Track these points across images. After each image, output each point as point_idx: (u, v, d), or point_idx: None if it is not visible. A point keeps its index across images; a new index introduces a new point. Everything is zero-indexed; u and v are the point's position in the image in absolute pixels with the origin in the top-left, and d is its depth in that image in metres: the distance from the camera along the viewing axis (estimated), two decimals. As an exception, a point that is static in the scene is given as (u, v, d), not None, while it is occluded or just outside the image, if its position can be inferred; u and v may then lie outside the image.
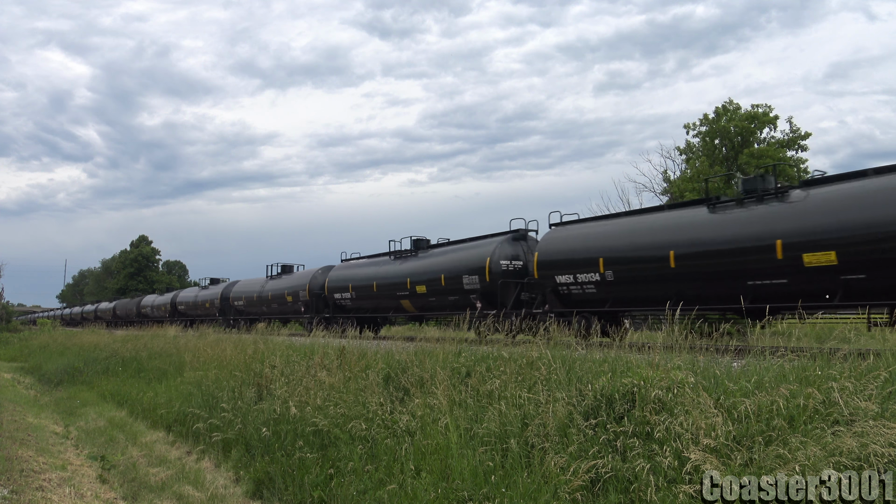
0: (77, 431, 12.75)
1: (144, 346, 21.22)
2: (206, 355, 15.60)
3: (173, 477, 9.07)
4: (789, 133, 33.13)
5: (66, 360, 24.17)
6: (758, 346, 10.12)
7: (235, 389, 11.73)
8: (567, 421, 6.41)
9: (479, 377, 8.29)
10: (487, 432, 6.89)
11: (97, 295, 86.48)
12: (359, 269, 25.14)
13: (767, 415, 5.46)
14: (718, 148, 33.85)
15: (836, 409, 5.31)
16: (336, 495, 7.31)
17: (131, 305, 53.50)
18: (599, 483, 5.58)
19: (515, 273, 18.13)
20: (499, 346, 10.45)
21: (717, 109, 33.97)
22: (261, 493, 8.36)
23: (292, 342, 15.50)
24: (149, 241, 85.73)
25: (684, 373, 6.39)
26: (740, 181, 13.30)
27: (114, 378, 18.36)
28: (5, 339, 43.72)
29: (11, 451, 9.25)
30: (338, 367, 10.56)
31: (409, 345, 11.28)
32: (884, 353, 6.48)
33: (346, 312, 25.47)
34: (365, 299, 24.17)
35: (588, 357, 8.05)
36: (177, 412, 12.29)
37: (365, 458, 7.58)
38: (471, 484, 6.19)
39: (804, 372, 6.12)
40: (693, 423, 5.55)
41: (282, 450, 8.72)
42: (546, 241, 17.14)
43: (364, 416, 8.36)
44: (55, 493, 7.58)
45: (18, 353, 34.70)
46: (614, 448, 5.81)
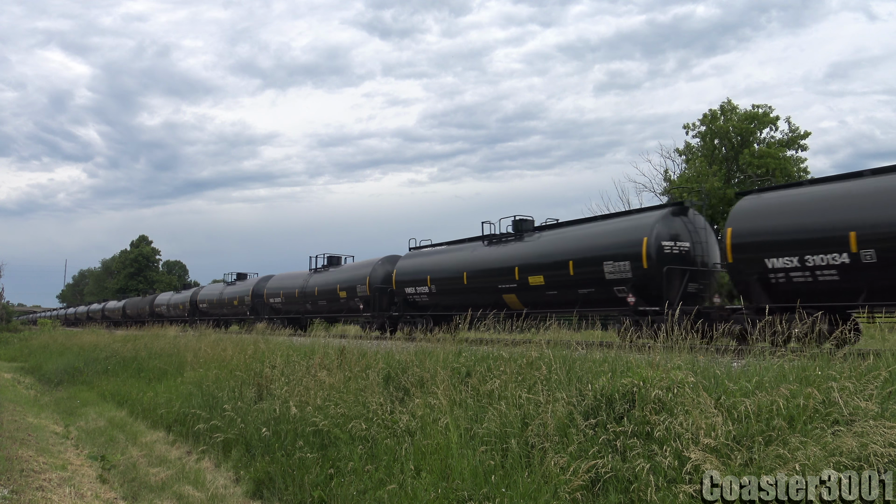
0: (77, 431, 12.76)
1: (145, 346, 21.22)
2: (207, 355, 15.60)
3: (173, 477, 9.08)
4: (789, 133, 33.15)
5: (67, 360, 24.17)
6: (757, 346, 10.12)
7: (235, 389, 11.74)
8: (567, 421, 6.41)
9: (479, 377, 8.30)
10: (487, 432, 6.89)
11: (97, 295, 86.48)
12: (440, 255, 21.33)
13: (767, 415, 5.46)
14: (718, 148, 33.86)
15: (836, 409, 5.31)
16: (336, 495, 7.31)
17: (143, 304, 50.30)
18: (599, 483, 5.59)
19: (680, 258, 14.28)
20: (499, 345, 10.45)
21: (714, 111, 34.00)
22: (261, 492, 8.36)
23: (292, 342, 15.51)
24: (149, 241, 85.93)
25: (684, 373, 6.39)
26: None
27: (114, 378, 18.38)
28: (5, 339, 43.73)
29: (11, 451, 9.25)
30: (338, 366, 10.56)
31: (410, 345, 11.29)
32: (884, 353, 6.48)
33: (422, 310, 21.72)
34: (449, 294, 20.22)
35: (588, 357, 8.06)
36: (177, 412, 12.29)
37: (365, 458, 7.58)
38: (471, 484, 6.19)
39: (804, 372, 6.13)
40: (693, 422, 5.55)
41: (282, 450, 8.72)
42: (745, 211, 13.01)
43: (364, 416, 8.37)
44: (55, 493, 7.58)
45: (18, 353, 34.70)
46: (614, 448, 5.81)
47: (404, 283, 22.31)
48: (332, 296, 26.85)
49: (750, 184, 29.67)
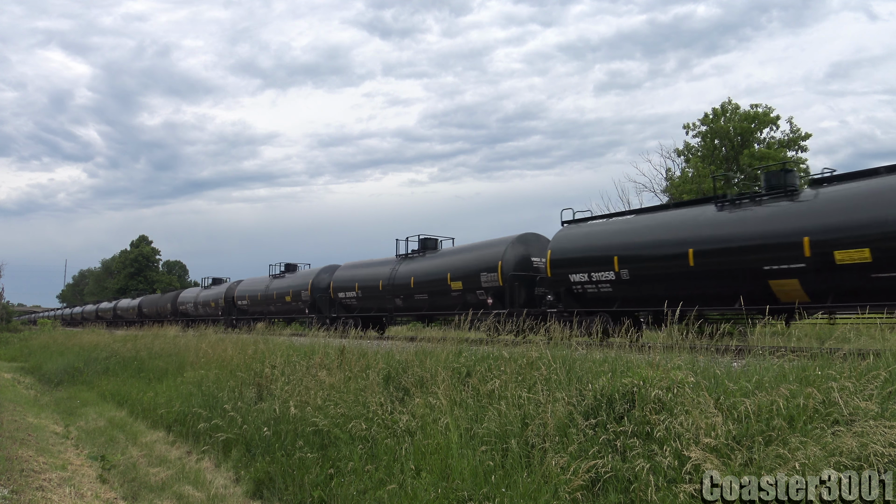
0: (77, 431, 12.76)
1: (145, 346, 21.23)
2: (208, 355, 15.61)
3: (173, 477, 9.08)
4: (789, 133, 33.14)
5: (67, 360, 24.17)
6: (758, 346, 10.12)
7: (236, 389, 11.74)
8: (567, 421, 6.41)
9: (479, 377, 8.30)
10: (487, 432, 6.89)
11: (97, 295, 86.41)
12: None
13: (767, 415, 5.46)
14: (718, 148, 33.86)
15: (835, 409, 5.31)
16: (336, 495, 7.31)
17: (164, 302, 45.04)
18: (599, 483, 5.58)
19: None
20: (499, 345, 10.45)
21: (716, 110, 33.99)
22: (261, 492, 8.36)
23: (292, 342, 15.51)
24: (149, 241, 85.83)
25: (684, 373, 6.39)
26: None
27: (114, 378, 18.37)
28: (5, 339, 43.67)
29: (12, 451, 9.25)
30: (338, 366, 10.56)
31: (410, 345, 11.29)
32: (884, 353, 6.48)
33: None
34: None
35: (588, 357, 8.06)
36: (177, 412, 12.29)
37: (365, 457, 7.58)
38: (471, 484, 6.19)
39: (804, 372, 6.13)
40: (693, 422, 5.55)
41: (282, 450, 8.72)
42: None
43: (364, 416, 8.37)
44: (55, 493, 7.58)
45: (18, 353, 34.67)
46: (614, 448, 5.81)
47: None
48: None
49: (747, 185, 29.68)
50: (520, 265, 18.27)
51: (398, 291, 22.32)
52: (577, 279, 15.58)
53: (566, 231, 16.98)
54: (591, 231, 16.27)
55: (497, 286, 18.29)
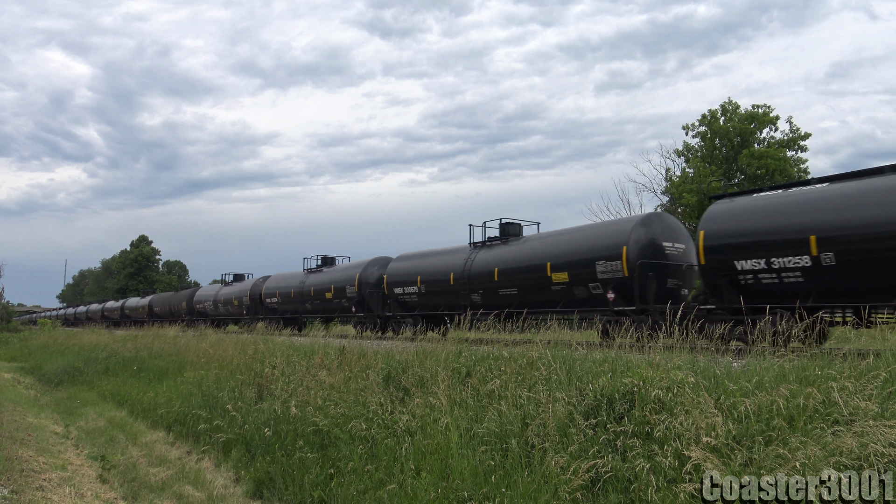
0: (77, 431, 12.76)
1: (145, 346, 21.23)
2: (208, 355, 15.61)
3: (173, 477, 9.08)
4: (789, 133, 33.16)
5: (67, 360, 24.17)
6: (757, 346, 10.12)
7: (236, 389, 11.74)
8: (567, 421, 6.41)
9: (479, 377, 8.30)
10: (487, 432, 6.89)
11: (97, 295, 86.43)
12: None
13: (767, 415, 5.46)
14: (718, 148, 33.87)
15: (835, 409, 5.31)
16: (336, 495, 7.31)
17: (178, 301, 42.33)
18: (599, 483, 5.58)
19: None
20: (499, 345, 10.45)
21: (714, 111, 34.00)
22: (261, 492, 8.36)
23: (293, 342, 15.51)
24: (149, 241, 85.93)
25: (684, 373, 6.39)
26: None
27: (114, 378, 18.37)
28: (5, 339, 43.66)
29: (12, 451, 9.25)
30: (338, 366, 10.57)
31: (410, 345, 11.29)
32: (884, 353, 6.48)
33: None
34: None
35: (588, 357, 8.06)
36: (177, 412, 12.29)
37: (365, 457, 7.58)
38: (471, 484, 6.19)
39: (804, 372, 6.13)
40: (693, 422, 5.55)
41: (282, 450, 8.72)
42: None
43: (364, 416, 8.37)
44: (55, 493, 7.58)
45: (18, 353, 34.68)
46: (614, 448, 5.81)
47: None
48: (536, 280, 19.73)
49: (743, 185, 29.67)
50: (647, 251, 14.73)
51: (476, 285, 18.71)
52: (749, 266, 12.26)
53: (725, 206, 13.33)
54: (769, 205, 12.50)
55: (621, 277, 14.75)
